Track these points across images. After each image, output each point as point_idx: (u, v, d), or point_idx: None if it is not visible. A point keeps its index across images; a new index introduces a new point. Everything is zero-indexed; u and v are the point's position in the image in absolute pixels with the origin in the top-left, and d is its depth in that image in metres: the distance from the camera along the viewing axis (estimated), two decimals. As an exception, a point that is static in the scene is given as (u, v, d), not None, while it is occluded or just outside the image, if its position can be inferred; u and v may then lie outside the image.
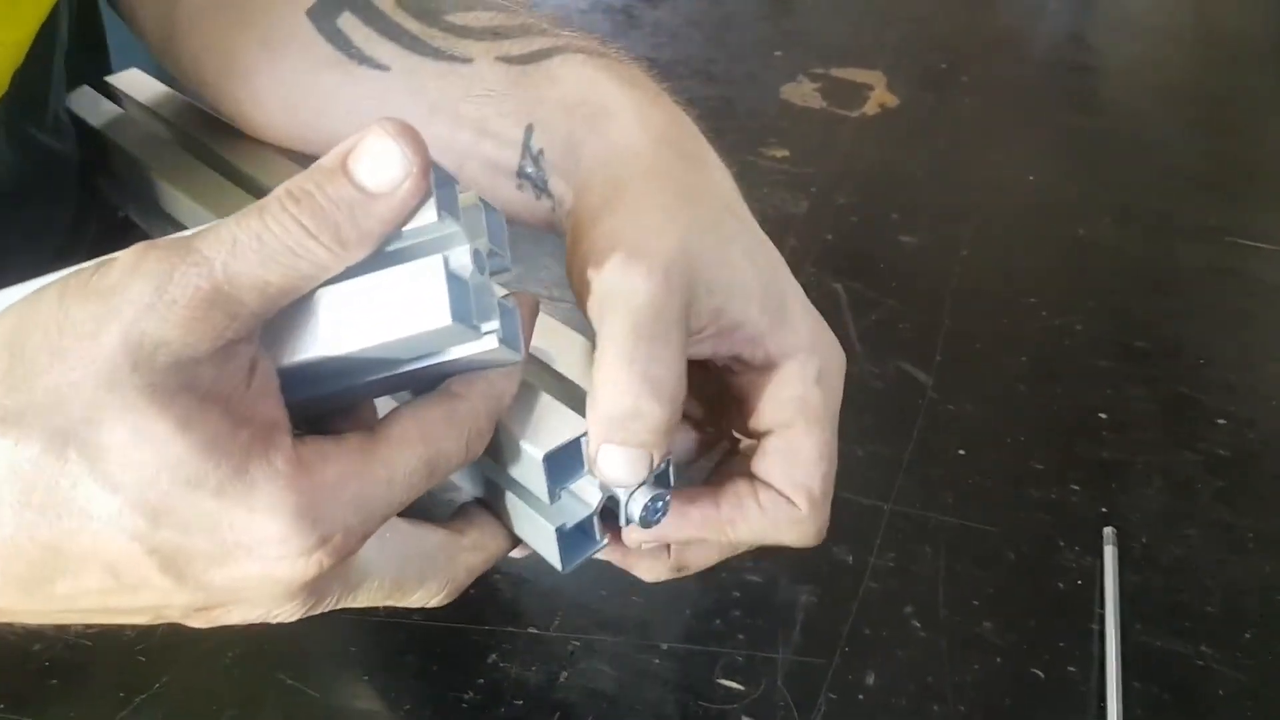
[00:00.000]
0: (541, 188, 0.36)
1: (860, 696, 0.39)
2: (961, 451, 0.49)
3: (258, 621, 0.28)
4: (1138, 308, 0.60)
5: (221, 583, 0.26)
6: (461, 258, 0.26)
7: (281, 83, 0.42)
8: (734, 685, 0.39)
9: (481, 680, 0.39)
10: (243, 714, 0.37)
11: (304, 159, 0.42)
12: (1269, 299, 0.62)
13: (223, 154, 0.45)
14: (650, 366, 0.29)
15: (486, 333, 0.26)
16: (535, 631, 0.41)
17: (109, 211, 0.50)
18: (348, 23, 0.39)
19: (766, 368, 0.32)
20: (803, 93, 0.79)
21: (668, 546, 0.33)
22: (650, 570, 0.34)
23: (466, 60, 0.38)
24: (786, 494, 0.32)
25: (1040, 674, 0.40)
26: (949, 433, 0.50)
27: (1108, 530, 0.45)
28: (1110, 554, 0.44)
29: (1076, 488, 0.48)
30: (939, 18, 0.94)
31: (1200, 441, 0.51)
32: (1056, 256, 0.64)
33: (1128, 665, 0.40)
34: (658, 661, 0.40)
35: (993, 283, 0.61)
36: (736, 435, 0.35)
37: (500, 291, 0.29)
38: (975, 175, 0.71)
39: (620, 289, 0.30)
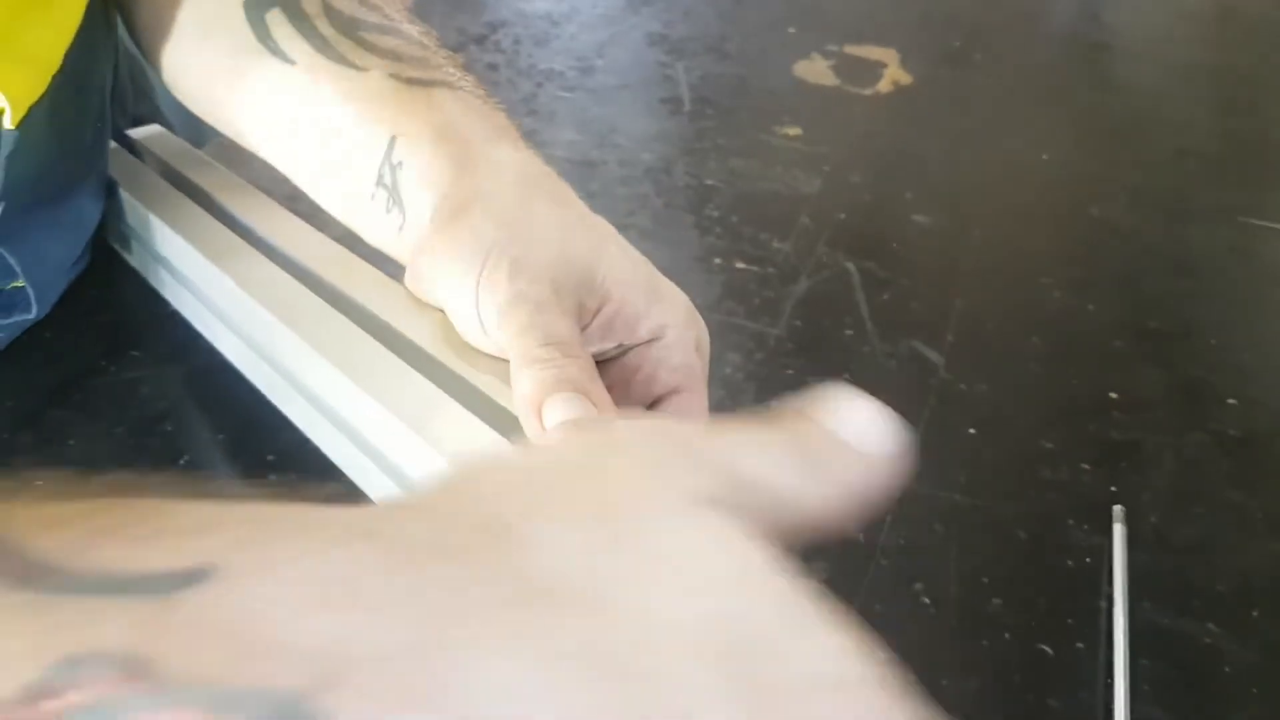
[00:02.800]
0: (395, 200, 0.39)
1: (870, 672, 0.39)
2: (972, 431, 0.49)
3: None
4: (1151, 288, 0.60)
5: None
6: None
7: (206, 60, 0.46)
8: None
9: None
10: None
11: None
12: (1276, 278, 0.62)
13: (227, 206, 0.48)
14: (558, 351, 0.32)
15: None
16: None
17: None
18: (274, 18, 0.43)
19: (651, 343, 0.36)
20: (816, 70, 0.79)
21: None
22: None
23: (362, 69, 0.41)
24: None
25: (1049, 650, 0.40)
26: (960, 412, 0.50)
27: (1117, 508, 0.46)
28: (1119, 532, 0.45)
29: (1087, 467, 0.48)
30: (953, -5, 0.94)
31: (1211, 422, 0.51)
32: (1070, 236, 0.64)
33: (1135, 643, 0.41)
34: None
35: (1005, 262, 0.61)
36: None
37: None
38: (989, 154, 0.71)
39: (515, 297, 0.34)
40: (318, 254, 0.44)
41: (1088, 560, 0.44)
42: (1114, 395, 0.52)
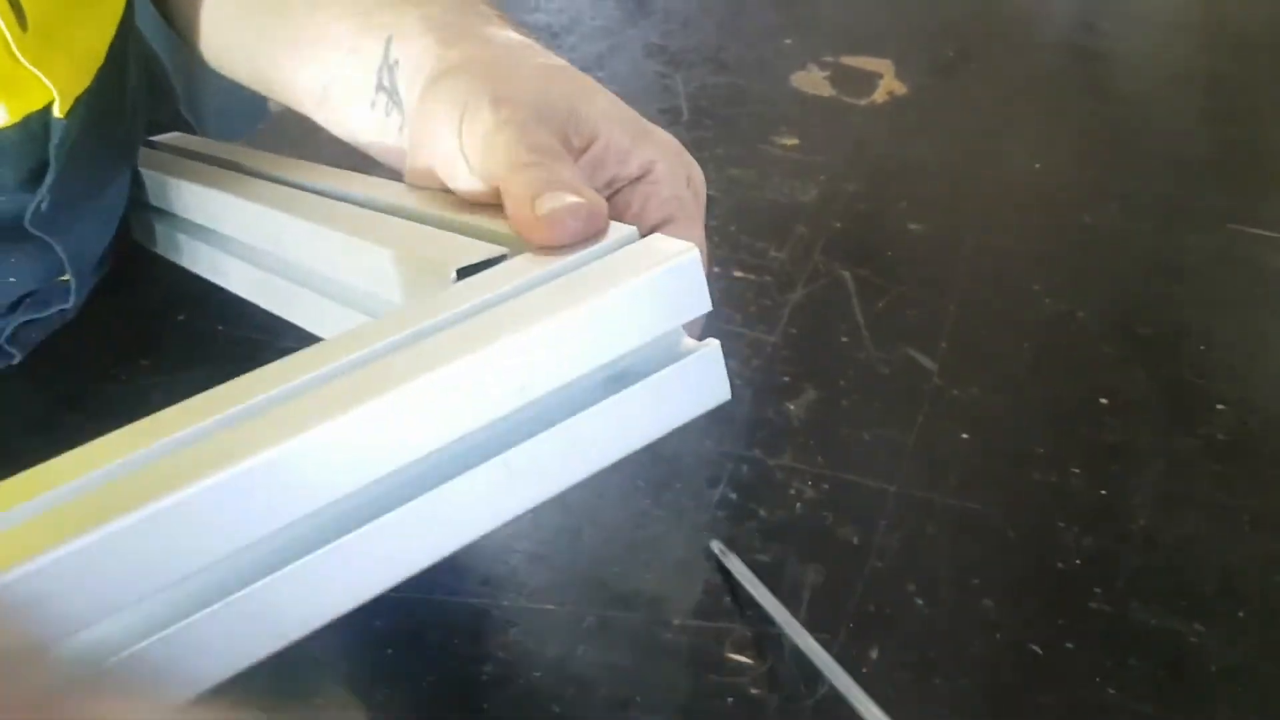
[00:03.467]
0: (394, 100, 0.40)
1: (864, 670, 0.40)
2: (965, 435, 0.50)
3: None
4: (1142, 294, 0.61)
5: None
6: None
7: (227, 15, 0.48)
8: (743, 659, 0.41)
9: (501, 654, 0.40)
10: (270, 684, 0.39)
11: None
12: (1272, 286, 0.63)
13: (246, 161, 0.49)
14: (546, 157, 0.33)
15: None
16: (552, 608, 0.42)
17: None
18: None
19: (641, 177, 0.36)
20: (812, 81, 0.80)
21: None
22: None
23: None
24: None
25: (1038, 650, 0.41)
26: (953, 417, 0.51)
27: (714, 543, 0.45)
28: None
29: (1077, 470, 0.49)
30: (949, 3, 0.94)
31: (1201, 426, 0.52)
32: (1062, 243, 0.65)
33: (1124, 642, 0.42)
34: (669, 636, 0.41)
35: (998, 270, 0.62)
36: None
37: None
38: (983, 163, 0.72)
39: (499, 124, 0.34)
40: (319, 174, 0.45)
41: (1077, 562, 0.45)
42: (1104, 400, 0.53)
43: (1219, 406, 0.53)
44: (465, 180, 0.35)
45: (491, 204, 0.35)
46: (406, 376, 0.26)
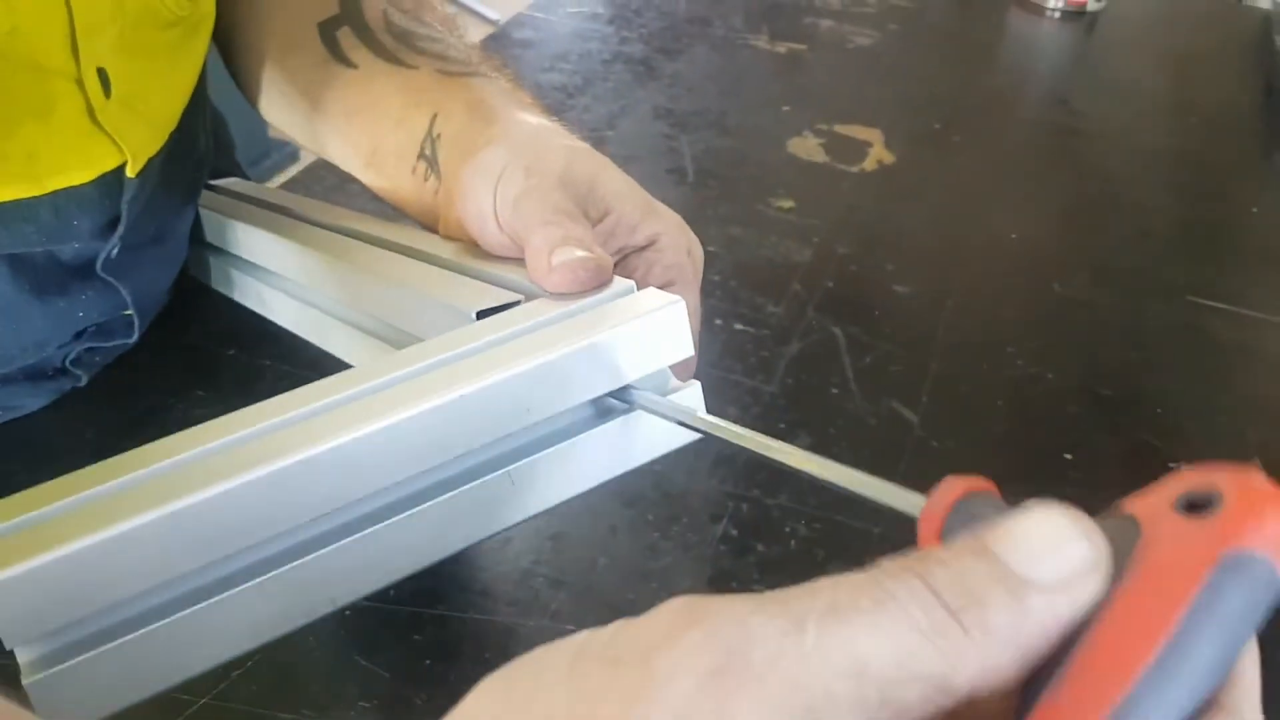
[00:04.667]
0: (433, 168, 0.45)
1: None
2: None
3: None
4: (1106, 359, 0.67)
5: None
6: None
7: (287, 77, 0.53)
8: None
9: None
10: (322, 691, 0.43)
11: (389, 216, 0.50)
12: (1223, 356, 0.68)
13: (295, 208, 0.55)
14: (566, 218, 0.38)
15: None
16: (571, 628, 0.47)
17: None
18: (344, 34, 0.51)
19: (647, 247, 0.41)
20: (808, 147, 0.86)
21: None
22: None
23: (413, 67, 0.48)
24: None
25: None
26: (933, 467, 0.56)
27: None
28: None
29: (1043, 518, 0.54)
30: (935, 79, 1.01)
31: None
32: (1035, 309, 0.71)
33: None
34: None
35: (976, 332, 0.67)
36: None
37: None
38: (964, 231, 0.78)
39: (528, 189, 0.39)
40: (360, 221, 0.51)
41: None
42: (1068, 455, 0.58)
43: (1170, 465, 0.59)
44: (494, 235, 0.41)
45: (512, 258, 0.41)
46: (432, 395, 0.32)
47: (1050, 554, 0.18)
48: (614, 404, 0.35)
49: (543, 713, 0.18)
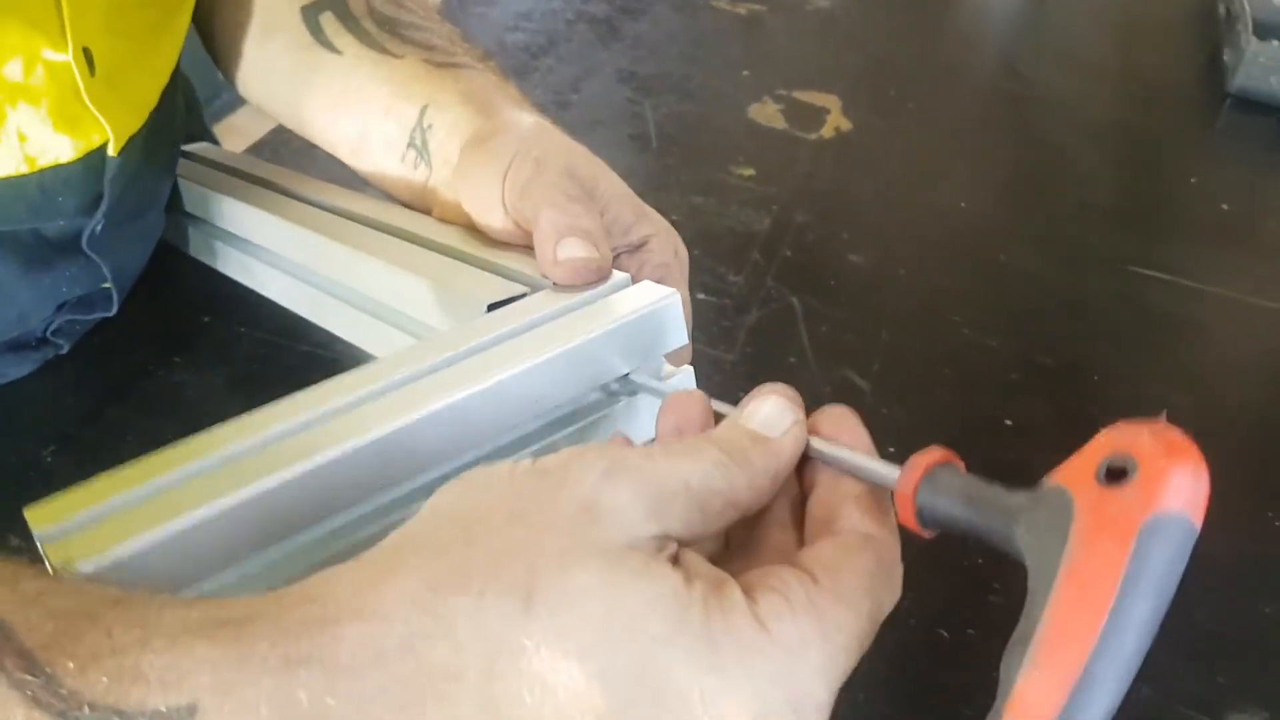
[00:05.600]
0: (423, 157, 0.48)
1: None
2: (892, 449, 0.58)
3: None
4: (1047, 328, 0.70)
5: None
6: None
7: (269, 58, 0.54)
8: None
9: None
10: None
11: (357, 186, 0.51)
12: (1159, 324, 0.72)
13: (271, 178, 0.56)
14: (574, 204, 0.41)
15: None
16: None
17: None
18: (327, 19, 0.52)
19: (639, 247, 0.44)
20: (767, 113, 0.88)
21: None
22: None
23: (398, 57, 0.50)
24: None
25: (945, 635, 0.50)
26: (883, 433, 0.59)
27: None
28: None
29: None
30: (891, 44, 1.03)
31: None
32: (980, 279, 0.74)
33: (1006, 634, 0.50)
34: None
35: (925, 301, 0.70)
36: None
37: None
38: (915, 200, 0.81)
39: (537, 176, 0.41)
40: (352, 200, 0.52)
41: (980, 561, 0.53)
42: (1008, 421, 0.62)
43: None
44: (500, 221, 0.43)
45: (515, 245, 0.43)
46: (454, 389, 0.34)
47: (775, 420, 0.30)
48: (617, 389, 0.38)
49: (489, 502, 0.25)
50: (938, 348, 0.67)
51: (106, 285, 0.54)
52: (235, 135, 0.73)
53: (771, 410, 0.30)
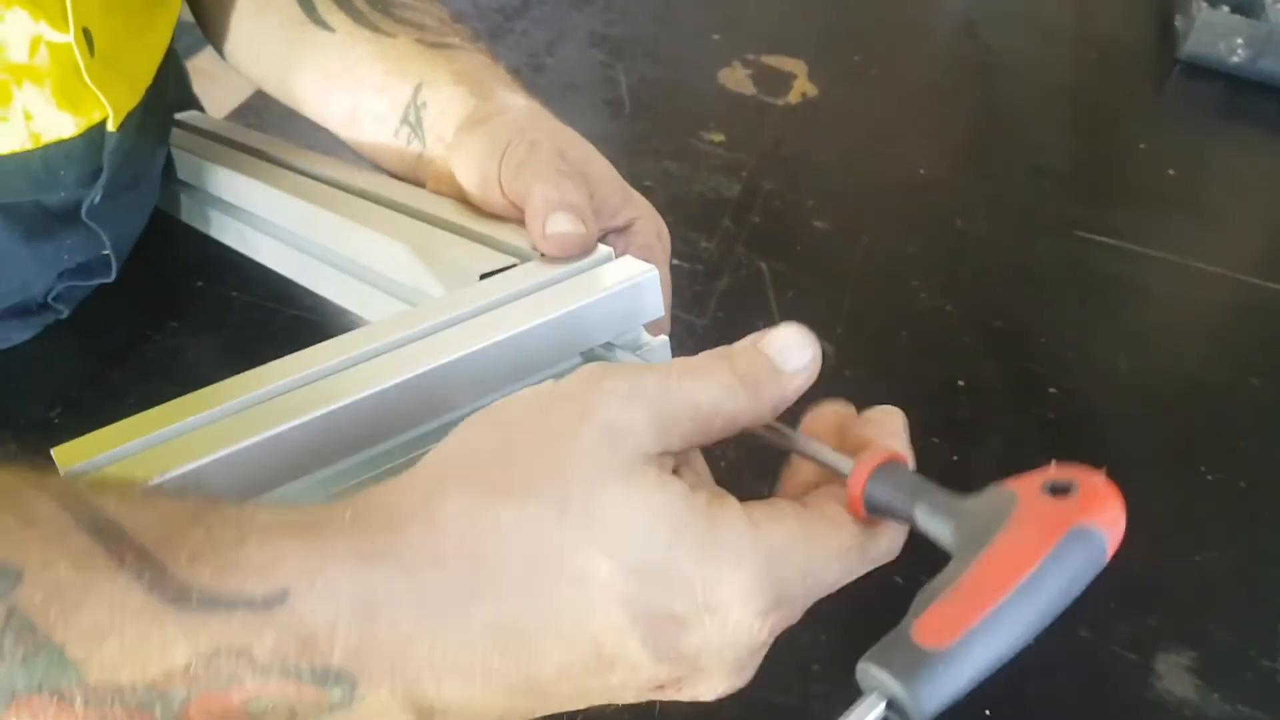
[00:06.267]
0: (416, 134, 0.50)
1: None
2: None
3: (694, 699, 0.30)
4: (1000, 293, 0.74)
5: (689, 650, 0.28)
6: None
7: (260, 33, 0.56)
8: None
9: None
10: None
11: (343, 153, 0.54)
12: (1105, 288, 0.76)
13: (263, 148, 0.58)
14: (566, 180, 0.43)
15: None
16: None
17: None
18: None
19: (624, 229, 0.47)
20: (736, 78, 0.91)
21: None
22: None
23: (391, 36, 0.52)
24: None
25: (900, 580, 0.54)
26: (846, 394, 0.62)
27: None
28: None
29: (937, 440, 0.62)
30: (855, 9, 1.05)
31: (1035, 407, 0.65)
32: (938, 245, 0.77)
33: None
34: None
35: (885, 267, 0.74)
36: None
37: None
38: (877, 166, 0.84)
39: (533, 156, 0.44)
40: (348, 172, 0.54)
41: (933, 514, 0.58)
42: (961, 382, 0.66)
43: (1051, 390, 0.67)
44: (495, 197, 0.46)
45: (508, 219, 0.46)
46: (449, 351, 0.37)
47: (793, 352, 0.32)
48: (598, 354, 0.41)
49: (520, 427, 0.29)
50: (897, 312, 0.70)
51: (105, 253, 0.56)
52: (199, 79, 0.73)
53: (790, 341, 0.32)
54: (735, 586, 0.28)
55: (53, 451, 0.33)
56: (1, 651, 0.24)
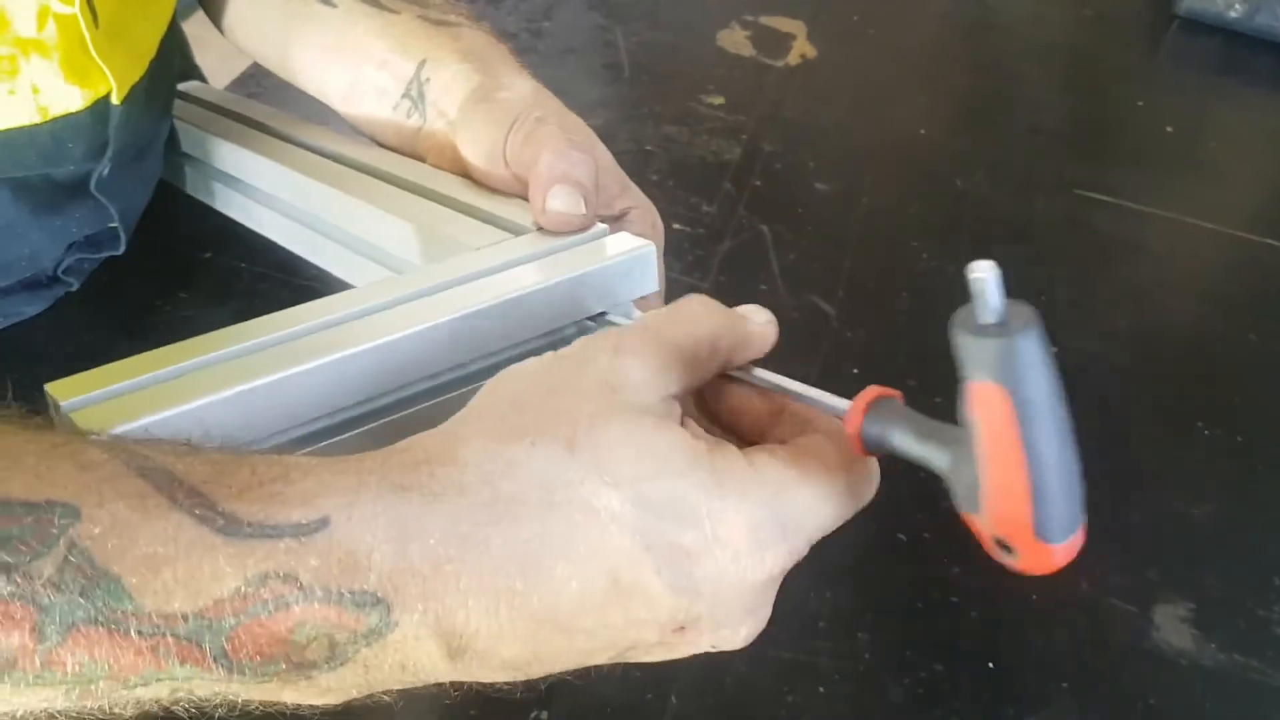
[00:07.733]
0: (417, 108, 0.50)
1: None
2: (856, 370, 0.63)
3: (716, 648, 0.32)
4: (999, 253, 0.73)
5: (703, 583, 0.29)
6: None
7: (261, 9, 0.57)
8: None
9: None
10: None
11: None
12: (1103, 247, 0.77)
13: (266, 120, 0.59)
14: (573, 150, 0.44)
15: None
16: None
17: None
18: None
19: (620, 217, 0.48)
20: (735, 40, 0.91)
21: None
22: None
23: (394, 12, 0.52)
24: None
25: (903, 537, 0.55)
26: (846, 355, 0.64)
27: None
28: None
29: (939, 400, 0.62)
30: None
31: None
32: (938, 205, 0.78)
33: (966, 533, 0.56)
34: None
35: (885, 228, 0.74)
36: None
37: None
38: (877, 128, 0.84)
39: (540, 129, 0.45)
40: (349, 146, 0.55)
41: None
42: (962, 343, 0.66)
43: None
44: (500, 172, 0.46)
45: (510, 195, 0.46)
46: (445, 314, 0.38)
47: (756, 313, 0.36)
48: (591, 325, 0.42)
49: (528, 383, 0.31)
50: (897, 273, 0.71)
51: (114, 225, 0.57)
52: (193, 46, 0.73)
53: (757, 310, 0.37)
54: (742, 518, 0.29)
55: (47, 387, 0.33)
56: (63, 583, 0.25)
